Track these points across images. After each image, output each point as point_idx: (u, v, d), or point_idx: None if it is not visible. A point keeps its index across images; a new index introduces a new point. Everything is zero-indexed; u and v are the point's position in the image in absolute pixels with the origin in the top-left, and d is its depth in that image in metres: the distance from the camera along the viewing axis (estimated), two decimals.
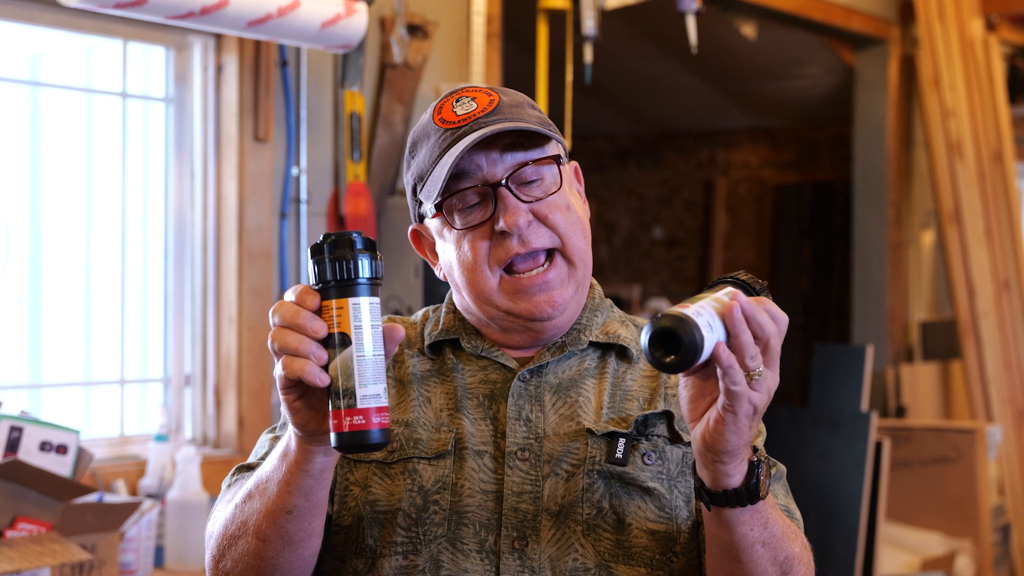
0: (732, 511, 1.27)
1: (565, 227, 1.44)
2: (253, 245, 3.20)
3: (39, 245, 3.13)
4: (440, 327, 1.52)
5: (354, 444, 1.23)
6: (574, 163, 1.53)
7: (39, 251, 3.13)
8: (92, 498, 2.66)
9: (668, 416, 1.45)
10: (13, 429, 2.54)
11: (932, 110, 5.24)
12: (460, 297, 1.50)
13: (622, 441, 1.42)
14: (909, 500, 4.76)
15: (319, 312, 1.24)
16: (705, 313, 1.20)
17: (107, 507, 2.63)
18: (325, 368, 1.23)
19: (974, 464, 4.69)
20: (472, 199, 1.43)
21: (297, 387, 1.25)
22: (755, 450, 1.28)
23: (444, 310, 1.54)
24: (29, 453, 2.54)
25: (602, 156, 8.62)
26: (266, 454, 1.45)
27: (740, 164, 8.25)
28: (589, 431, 1.43)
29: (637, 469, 1.41)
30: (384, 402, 1.24)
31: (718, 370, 1.20)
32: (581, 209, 1.48)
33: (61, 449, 2.58)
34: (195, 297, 3.25)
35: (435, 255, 1.51)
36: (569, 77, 4.16)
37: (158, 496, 2.93)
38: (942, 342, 5.52)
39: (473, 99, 1.45)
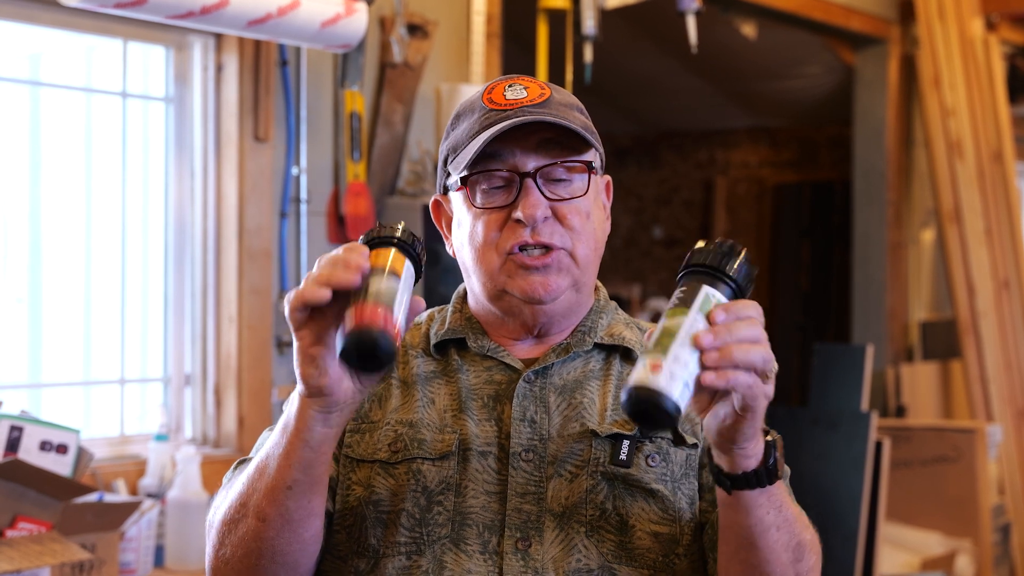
0: (751, 493, 1.27)
1: (578, 231, 1.45)
2: (253, 244, 3.20)
3: (39, 244, 3.12)
4: (446, 326, 1.52)
5: (359, 341, 1.20)
6: (607, 177, 1.54)
7: (39, 250, 3.12)
8: (92, 498, 2.66)
9: None
10: (13, 428, 2.53)
11: (932, 110, 5.24)
12: (468, 279, 1.50)
13: (626, 443, 1.42)
14: (909, 500, 4.76)
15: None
16: (679, 370, 1.15)
17: (107, 507, 2.63)
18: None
19: (974, 464, 4.69)
20: (497, 182, 1.44)
21: (315, 318, 1.25)
22: (767, 432, 1.28)
23: (450, 310, 1.54)
24: (29, 452, 2.54)
25: None
26: None
27: (739, 164, 8.25)
28: (593, 432, 1.43)
29: (641, 471, 1.42)
30: (400, 324, 1.24)
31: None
32: (600, 221, 1.49)
33: (61, 449, 2.57)
34: (195, 296, 3.25)
35: (450, 231, 1.53)
36: (569, 77, 4.16)
37: (158, 496, 2.93)
38: (942, 342, 5.52)
39: (525, 88, 1.47)
